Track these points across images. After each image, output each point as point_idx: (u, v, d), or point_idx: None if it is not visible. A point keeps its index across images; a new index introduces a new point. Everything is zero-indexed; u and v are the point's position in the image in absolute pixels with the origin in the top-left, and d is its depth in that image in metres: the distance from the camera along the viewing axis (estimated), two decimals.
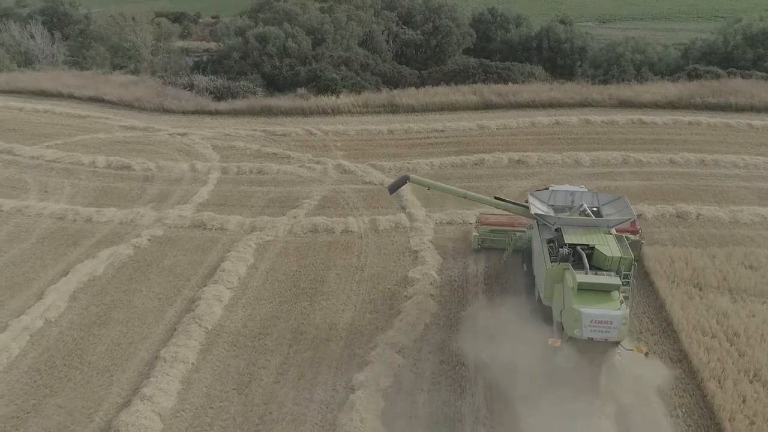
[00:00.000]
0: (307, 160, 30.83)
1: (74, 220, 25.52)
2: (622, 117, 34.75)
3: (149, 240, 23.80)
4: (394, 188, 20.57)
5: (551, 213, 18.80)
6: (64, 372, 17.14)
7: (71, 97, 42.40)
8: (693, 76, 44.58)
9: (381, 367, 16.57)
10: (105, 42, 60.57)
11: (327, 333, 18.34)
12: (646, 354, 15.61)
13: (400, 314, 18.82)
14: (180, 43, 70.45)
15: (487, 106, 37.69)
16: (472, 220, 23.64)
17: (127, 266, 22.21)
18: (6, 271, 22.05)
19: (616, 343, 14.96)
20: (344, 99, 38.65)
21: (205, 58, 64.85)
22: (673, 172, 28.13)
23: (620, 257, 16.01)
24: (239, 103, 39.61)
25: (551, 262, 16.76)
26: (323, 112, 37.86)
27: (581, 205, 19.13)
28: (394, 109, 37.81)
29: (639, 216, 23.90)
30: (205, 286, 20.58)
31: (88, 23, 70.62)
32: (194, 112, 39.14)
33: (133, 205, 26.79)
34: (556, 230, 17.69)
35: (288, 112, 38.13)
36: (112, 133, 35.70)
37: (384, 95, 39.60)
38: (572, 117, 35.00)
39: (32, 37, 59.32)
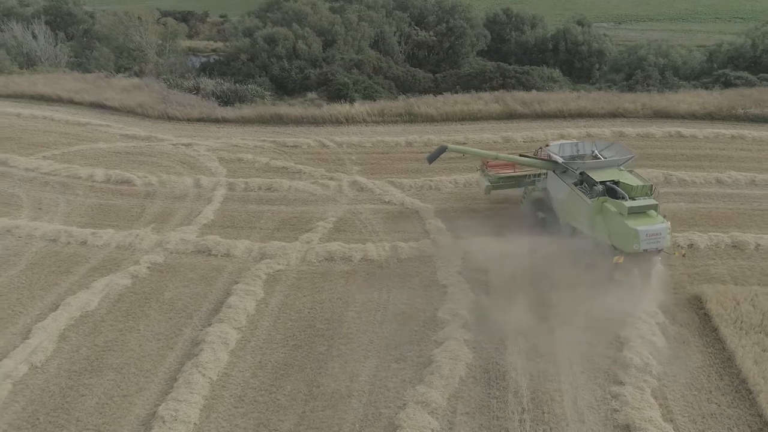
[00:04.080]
0: (320, 175, 28.62)
1: (68, 243, 23.40)
2: (658, 129, 32.34)
3: (149, 268, 21.63)
4: (432, 158, 23.01)
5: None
6: None
7: (71, 102, 40.44)
8: (723, 82, 42.20)
9: None
10: (110, 42, 58.62)
11: (348, 386, 16.11)
12: (684, 255, 20.20)
13: (431, 364, 16.54)
14: (187, 43, 68.55)
15: (510, 116, 35.36)
16: (506, 249, 21.41)
17: (124, 299, 20.06)
18: None
19: (660, 251, 18.32)
20: (358, 107, 36.40)
21: (212, 59, 62.90)
22: (721, 193, 25.72)
23: (642, 185, 19.41)
24: (247, 111, 37.43)
25: (590, 199, 19.48)
26: (336, 122, 35.65)
27: (593, 152, 22.17)
28: (411, 118, 35.54)
29: (690, 245, 21.73)
30: (209, 325, 18.39)
31: (93, 23, 68.69)
32: (199, 120, 37.03)
33: (132, 225, 24.66)
34: (580, 174, 20.67)
35: (299, 121, 35.93)
36: (113, 142, 33.62)
37: (401, 103, 37.31)
38: (604, 129, 32.62)
39: (35, 37, 57.37)
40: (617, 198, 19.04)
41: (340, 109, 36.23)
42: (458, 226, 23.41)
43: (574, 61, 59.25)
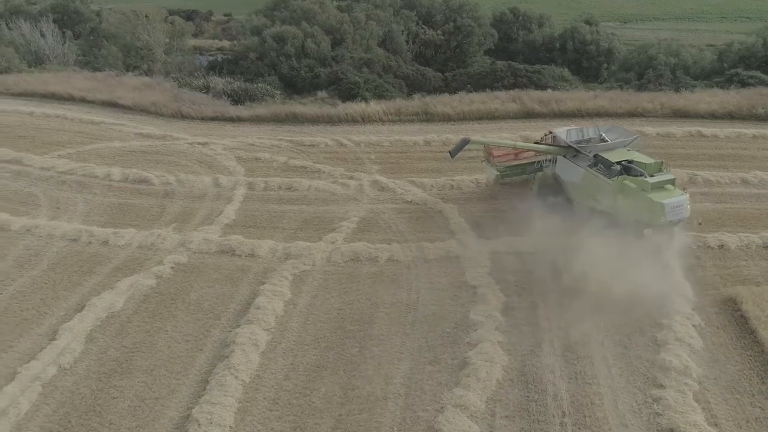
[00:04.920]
0: (339, 174, 28.34)
1: (89, 243, 23.15)
2: (678, 129, 32.04)
3: (172, 268, 21.37)
4: (455, 152, 22.86)
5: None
6: None
7: (83, 100, 40.10)
8: (739, 81, 42.01)
9: None
10: (117, 41, 58.39)
11: (383, 389, 15.88)
12: (700, 223, 20.97)
13: (466, 366, 16.30)
14: (192, 42, 68.35)
15: (528, 115, 35.07)
16: (531, 250, 21.26)
17: (150, 300, 19.83)
18: (14, 304, 19.70)
19: (680, 221, 19.55)
20: (374, 106, 36.09)
21: (219, 58, 62.71)
22: (748, 193, 25.45)
23: (654, 162, 20.64)
24: (262, 110, 37.14)
25: (611, 179, 20.47)
26: (352, 121, 35.35)
27: (600, 135, 23.39)
28: (428, 117, 35.26)
29: (721, 246, 21.50)
30: (238, 326, 18.15)
31: (100, 21, 68.45)
32: (214, 119, 36.73)
33: (153, 225, 24.39)
34: (594, 156, 21.71)
35: (314, 120, 35.64)
36: (128, 141, 33.33)
37: (417, 102, 37.03)
38: (624, 128, 32.30)
39: (43, 35, 57.09)
40: (635, 176, 20.10)
41: (356, 108, 35.94)
42: (483, 225, 23.15)
43: (582, 61, 59.03)
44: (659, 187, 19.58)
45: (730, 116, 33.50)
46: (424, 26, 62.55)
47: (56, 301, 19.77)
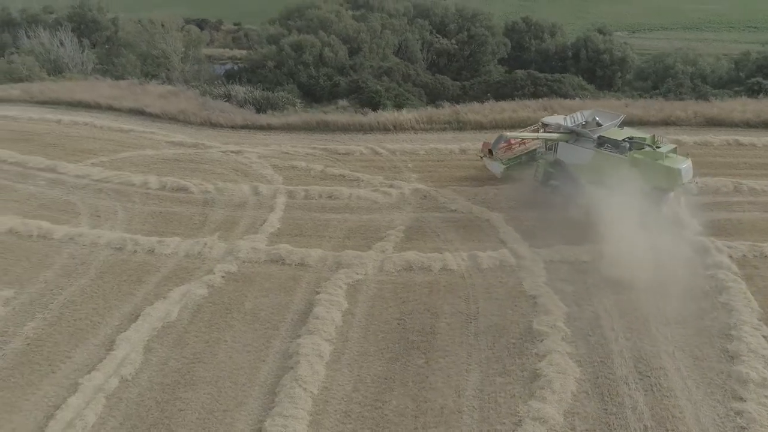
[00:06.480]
0: (378, 183, 28.12)
1: (135, 252, 22.90)
2: (714, 137, 31.89)
3: (223, 277, 21.12)
4: (494, 147, 25.79)
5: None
6: None
7: (110, 108, 39.91)
8: (757, 90, 42.13)
9: None
10: (134, 49, 58.44)
11: (455, 401, 15.59)
12: (697, 183, 24.37)
13: (538, 378, 16.04)
14: (204, 51, 68.48)
15: None
16: (587, 258, 21.10)
17: (204, 309, 19.54)
18: (67, 314, 19.44)
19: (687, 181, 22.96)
20: (406, 114, 35.99)
21: (236, 67, 62.70)
22: None
23: (651, 136, 23.90)
24: (293, 118, 37.00)
25: (624, 155, 23.12)
26: (383, 129, 35.16)
27: (594, 119, 25.62)
28: (460, 125, 35.09)
29: None
30: (298, 336, 17.88)
31: (116, 30, 68.52)
32: (243, 127, 36.54)
33: (197, 234, 24.14)
34: (598, 138, 24.10)
35: (345, 128, 35.45)
36: (160, 149, 33.13)
37: (447, 111, 36.90)
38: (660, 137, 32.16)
39: (62, 44, 57.10)
40: (641, 149, 23.06)
41: (387, 116, 35.78)
42: (533, 234, 22.89)
43: (596, 69, 58.97)
44: (668, 156, 22.71)
45: (765, 125, 33.36)
46: (438, 35, 62.67)
47: (109, 311, 19.49)
